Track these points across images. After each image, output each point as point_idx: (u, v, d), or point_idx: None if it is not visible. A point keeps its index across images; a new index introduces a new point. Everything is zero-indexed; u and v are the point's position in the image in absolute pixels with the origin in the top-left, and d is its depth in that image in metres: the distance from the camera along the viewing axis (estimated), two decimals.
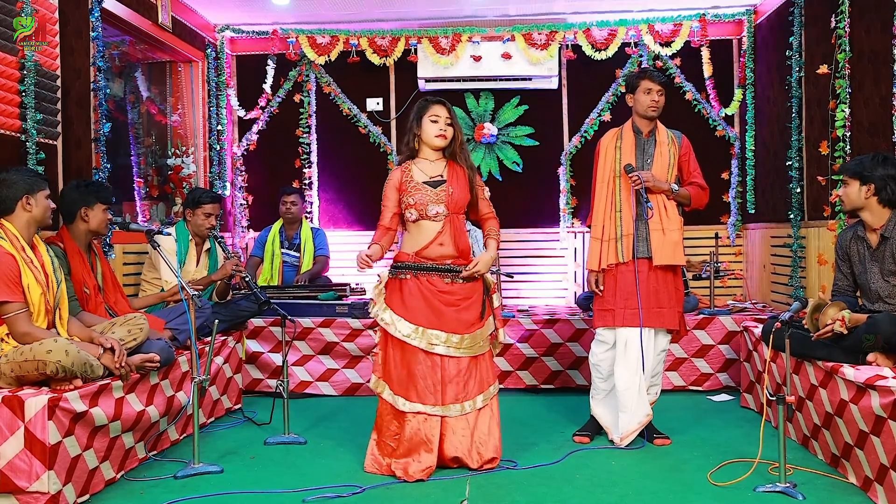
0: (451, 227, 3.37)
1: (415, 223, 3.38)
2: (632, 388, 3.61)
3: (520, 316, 5.04)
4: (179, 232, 4.40)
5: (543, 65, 5.96)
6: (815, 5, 4.74)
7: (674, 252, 3.61)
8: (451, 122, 3.39)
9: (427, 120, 3.38)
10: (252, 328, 4.85)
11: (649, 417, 3.65)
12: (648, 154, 3.70)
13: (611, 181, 3.70)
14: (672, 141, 3.73)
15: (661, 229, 3.62)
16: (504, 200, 6.24)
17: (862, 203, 3.33)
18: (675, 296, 3.66)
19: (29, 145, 3.60)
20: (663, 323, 3.64)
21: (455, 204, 3.38)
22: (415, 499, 2.99)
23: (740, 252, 6.10)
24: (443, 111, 3.38)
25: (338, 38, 6.09)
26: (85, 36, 4.20)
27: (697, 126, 6.08)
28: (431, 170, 3.41)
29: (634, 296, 3.60)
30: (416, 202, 3.35)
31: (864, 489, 2.96)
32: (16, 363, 2.90)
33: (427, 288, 3.32)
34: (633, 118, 3.76)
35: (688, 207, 3.79)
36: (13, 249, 3.00)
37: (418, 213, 3.36)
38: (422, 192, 3.36)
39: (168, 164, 5.76)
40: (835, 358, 3.24)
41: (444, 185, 3.38)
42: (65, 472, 2.81)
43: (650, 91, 3.66)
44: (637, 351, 3.60)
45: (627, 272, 3.63)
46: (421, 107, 3.42)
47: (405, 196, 3.37)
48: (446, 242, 3.36)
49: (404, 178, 3.39)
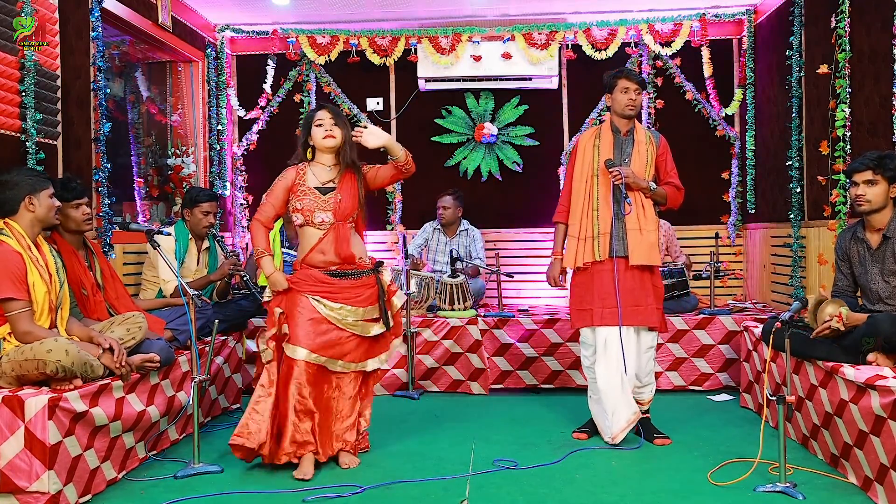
0: (333, 234, 3.37)
1: (300, 228, 3.41)
2: (613, 387, 3.62)
3: (520, 316, 5.05)
4: (179, 231, 4.40)
5: (543, 65, 5.96)
6: (815, 5, 4.74)
7: (650, 252, 3.63)
8: (336, 123, 3.41)
9: (314, 126, 3.42)
10: (252, 328, 4.85)
11: (637, 416, 3.65)
12: (626, 153, 3.72)
13: (589, 179, 3.72)
14: (650, 140, 3.75)
15: (639, 229, 3.64)
16: (504, 200, 6.26)
17: (887, 202, 3.29)
18: (652, 293, 3.67)
19: (29, 145, 3.60)
20: (641, 321, 3.65)
21: (342, 212, 3.37)
22: (415, 498, 2.99)
23: (740, 252, 6.10)
24: (326, 115, 3.41)
25: (338, 38, 6.09)
26: (85, 36, 4.20)
27: (697, 126, 6.09)
28: (324, 175, 3.42)
29: (612, 295, 3.61)
30: (303, 207, 3.36)
31: (864, 489, 2.96)
32: (16, 362, 2.90)
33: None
34: (612, 117, 3.78)
35: (663, 207, 3.80)
36: (20, 248, 3.01)
37: (304, 219, 3.37)
38: (310, 196, 3.37)
39: (168, 164, 5.76)
40: (835, 358, 3.24)
41: (333, 192, 3.38)
42: (65, 472, 2.81)
43: (627, 90, 3.68)
44: (617, 350, 3.61)
45: (604, 271, 3.65)
46: (308, 117, 3.48)
47: (294, 199, 3.39)
48: (327, 251, 3.37)
49: (297, 180, 3.41)
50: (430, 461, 3.46)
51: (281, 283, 3.35)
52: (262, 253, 3.37)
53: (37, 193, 3.11)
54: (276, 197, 3.42)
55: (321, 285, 3.34)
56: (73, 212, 3.53)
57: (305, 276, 3.36)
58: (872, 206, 3.32)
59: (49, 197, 3.15)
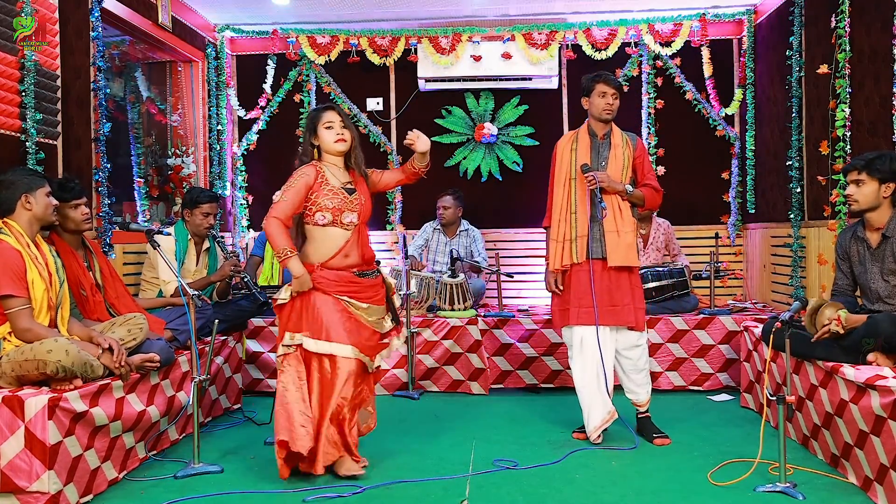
0: (358, 235, 3.32)
1: (322, 228, 3.25)
2: (588, 385, 3.67)
3: (520, 316, 5.05)
4: (178, 232, 4.39)
5: (543, 65, 5.96)
6: (815, 5, 4.74)
7: (627, 254, 3.65)
8: (346, 126, 3.31)
9: (322, 128, 3.29)
10: (252, 328, 4.85)
11: (612, 415, 3.68)
12: (603, 156, 3.74)
13: (567, 183, 3.74)
14: (627, 143, 3.76)
15: (616, 231, 3.66)
16: (504, 200, 6.26)
17: (879, 202, 3.30)
18: (630, 293, 3.69)
19: (29, 145, 3.60)
20: (618, 320, 3.67)
21: (364, 214, 3.33)
22: (415, 498, 2.99)
23: (740, 252, 6.10)
24: (335, 116, 3.29)
25: (338, 38, 6.09)
26: (85, 36, 4.20)
27: (697, 126, 6.09)
28: (342, 177, 3.32)
29: (588, 295, 3.64)
30: (333, 206, 3.22)
31: (864, 489, 2.96)
32: (16, 363, 2.90)
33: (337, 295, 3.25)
34: (589, 121, 3.80)
35: (641, 209, 3.81)
36: (19, 245, 3.02)
37: (332, 218, 3.23)
38: (340, 196, 3.25)
39: (168, 164, 5.76)
40: (835, 358, 3.24)
41: (356, 193, 3.31)
42: (66, 472, 2.82)
43: (605, 94, 3.70)
44: (593, 350, 3.64)
45: (582, 272, 3.68)
46: (312, 117, 3.33)
47: (320, 198, 3.22)
48: (352, 252, 3.29)
49: (319, 179, 3.25)
50: (430, 461, 3.46)
51: (309, 284, 3.21)
52: (287, 252, 3.15)
53: (33, 192, 3.11)
54: (298, 194, 3.20)
55: (350, 286, 3.26)
56: (72, 212, 3.53)
57: (334, 277, 3.24)
58: (861, 206, 3.34)
59: (46, 195, 3.16)
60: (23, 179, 3.12)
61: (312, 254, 3.28)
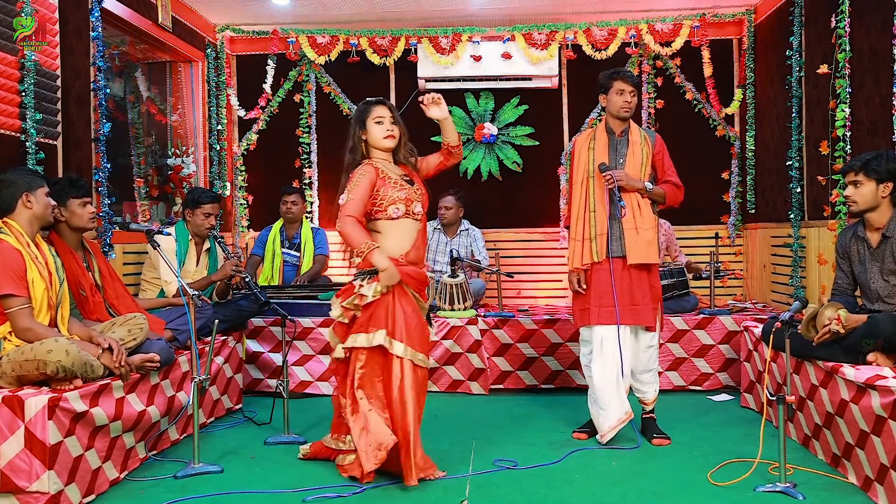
0: (423, 227, 3.31)
1: (395, 221, 3.18)
2: (608, 385, 3.64)
3: (520, 316, 5.04)
4: (179, 232, 4.40)
5: (543, 65, 5.96)
6: (815, 5, 4.74)
7: (647, 250, 3.63)
8: (395, 121, 3.28)
9: (371, 122, 3.25)
10: (252, 328, 4.85)
11: (629, 416, 3.66)
12: (621, 154, 3.72)
13: (585, 181, 3.73)
14: (645, 140, 3.75)
15: (635, 228, 3.64)
16: (504, 200, 6.26)
17: (878, 202, 3.30)
18: (650, 293, 3.68)
19: (29, 145, 3.61)
20: (638, 320, 3.65)
21: (426, 203, 3.31)
22: (415, 498, 2.99)
23: (740, 252, 6.10)
24: (385, 111, 3.26)
25: (338, 38, 6.09)
26: (85, 36, 4.20)
27: (697, 126, 6.09)
28: (396, 170, 3.27)
29: (609, 294, 3.62)
30: (406, 197, 3.18)
31: (865, 489, 2.96)
32: (16, 363, 2.90)
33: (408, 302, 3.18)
34: (606, 118, 3.79)
35: (662, 205, 3.80)
36: (19, 245, 3.02)
37: (405, 210, 3.18)
38: (407, 188, 3.21)
39: (168, 164, 5.76)
40: (835, 358, 3.24)
41: (416, 184, 3.28)
42: (66, 472, 2.81)
43: (623, 92, 3.68)
44: (613, 349, 3.62)
45: (602, 271, 3.66)
46: (362, 110, 3.28)
47: (391, 190, 3.16)
48: (420, 245, 3.27)
49: (381, 175, 3.20)
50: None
51: (398, 276, 3.10)
52: (370, 244, 3.05)
53: (33, 191, 3.12)
54: (365, 191, 3.12)
55: (420, 280, 3.23)
56: (80, 209, 3.54)
57: (413, 273, 3.20)
58: (860, 207, 3.34)
59: (45, 195, 3.17)
60: (23, 178, 3.13)
61: (389, 248, 3.17)
